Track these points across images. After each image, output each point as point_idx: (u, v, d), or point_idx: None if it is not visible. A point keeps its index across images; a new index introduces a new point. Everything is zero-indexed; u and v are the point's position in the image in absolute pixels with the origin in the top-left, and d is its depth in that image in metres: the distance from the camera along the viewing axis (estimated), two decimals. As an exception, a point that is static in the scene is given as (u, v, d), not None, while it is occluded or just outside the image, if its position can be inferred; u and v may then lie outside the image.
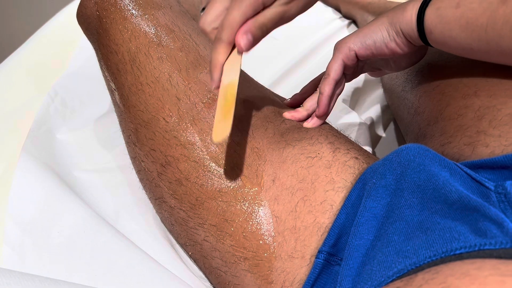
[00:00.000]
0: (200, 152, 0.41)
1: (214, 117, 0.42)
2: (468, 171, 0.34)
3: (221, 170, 0.40)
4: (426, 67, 0.50)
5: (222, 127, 0.35)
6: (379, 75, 0.53)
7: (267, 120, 0.44)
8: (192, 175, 0.41)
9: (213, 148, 0.41)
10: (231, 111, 0.36)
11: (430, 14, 0.39)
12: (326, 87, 0.44)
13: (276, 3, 0.37)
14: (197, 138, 0.42)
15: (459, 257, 0.27)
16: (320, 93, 0.45)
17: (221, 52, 0.37)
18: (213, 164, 0.41)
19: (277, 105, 0.47)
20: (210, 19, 0.38)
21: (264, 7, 0.37)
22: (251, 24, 0.37)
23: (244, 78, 0.49)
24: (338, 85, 0.46)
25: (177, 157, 0.42)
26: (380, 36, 0.43)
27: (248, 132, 0.42)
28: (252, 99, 0.46)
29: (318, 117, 0.45)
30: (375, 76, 0.53)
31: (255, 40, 0.38)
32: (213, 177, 0.40)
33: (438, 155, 0.35)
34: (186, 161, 0.41)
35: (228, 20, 0.36)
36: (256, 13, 0.37)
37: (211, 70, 0.38)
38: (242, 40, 0.37)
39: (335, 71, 0.44)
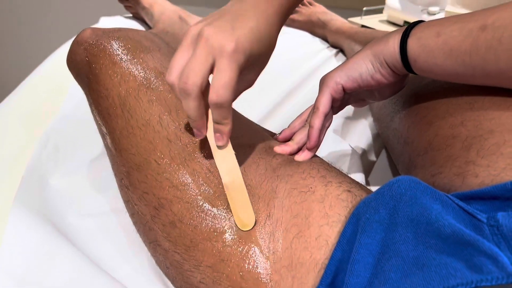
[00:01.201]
0: (193, 193, 0.41)
1: (205, 157, 0.43)
2: (460, 203, 0.34)
3: (215, 210, 0.40)
4: (412, 98, 0.51)
5: (245, 217, 0.40)
6: (363, 105, 0.54)
7: (258, 156, 0.45)
8: (185, 216, 0.41)
9: (205, 188, 0.41)
10: (248, 203, 0.40)
11: (413, 44, 0.41)
12: (316, 121, 0.45)
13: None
14: (189, 179, 0.42)
15: None
16: (310, 126, 0.46)
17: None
18: (207, 205, 0.40)
19: (267, 140, 0.48)
20: (175, 75, 0.37)
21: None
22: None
23: (234, 115, 0.49)
24: (327, 118, 0.47)
25: (170, 199, 0.41)
26: (365, 68, 0.44)
27: (240, 169, 0.43)
28: (242, 136, 0.46)
29: (309, 149, 0.46)
30: (359, 107, 0.55)
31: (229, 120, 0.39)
32: (207, 217, 0.40)
33: (429, 187, 0.35)
34: (179, 203, 0.41)
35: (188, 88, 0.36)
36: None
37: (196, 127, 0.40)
38: (219, 141, 0.40)
39: (324, 105, 0.46)
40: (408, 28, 0.42)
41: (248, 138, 0.46)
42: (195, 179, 0.42)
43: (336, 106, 0.49)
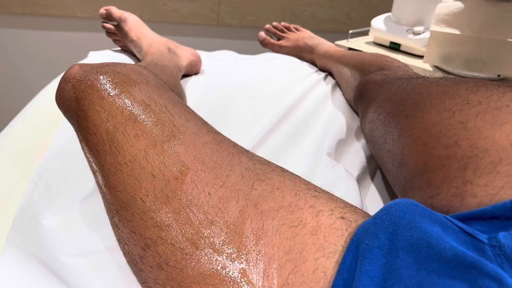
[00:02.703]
0: (175, 234, 0.39)
1: (185, 194, 0.41)
2: (460, 224, 0.33)
3: (199, 252, 0.38)
4: (404, 120, 0.51)
5: None
6: None
7: (236, 188, 0.42)
8: (171, 259, 0.39)
9: (187, 228, 0.39)
10: None
11: None
12: None
13: None
14: (171, 218, 0.40)
15: None
16: None
17: None
18: (190, 247, 0.38)
19: (244, 164, 0.46)
20: None
21: None
22: None
23: (214, 140, 0.48)
24: None
25: (154, 240, 0.40)
26: None
27: (219, 206, 0.40)
28: (220, 166, 0.44)
29: None
30: None
31: None
32: (193, 260, 0.38)
33: (427, 209, 0.35)
34: (163, 244, 0.39)
35: None
36: None
37: None
38: None
39: None
40: None
41: (225, 167, 0.44)
42: (177, 218, 0.40)
43: None
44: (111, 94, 0.48)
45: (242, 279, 0.37)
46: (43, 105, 0.85)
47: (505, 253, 0.30)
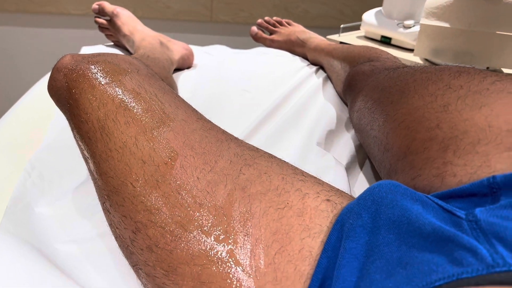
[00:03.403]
0: (165, 217, 0.40)
1: (174, 178, 0.42)
2: (439, 202, 0.35)
3: (189, 235, 0.39)
4: (389, 106, 0.52)
5: None
6: None
7: (224, 173, 0.43)
8: (160, 241, 0.40)
9: (176, 211, 0.40)
10: None
11: None
12: None
13: None
14: (161, 202, 0.41)
15: None
16: None
17: None
18: (180, 229, 0.39)
19: (232, 150, 0.47)
20: None
21: None
22: None
23: (204, 127, 0.49)
24: None
25: (145, 223, 0.41)
26: None
27: (208, 190, 0.42)
28: (209, 152, 0.45)
29: None
30: None
31: None
32: (181, 242, 0.39)
33: (409, 189, 0.36)
34: (153, 227, 0.40)
35: None
36: None
37: None
38: None
39: None
40: None
41: (213, 152, 0.46)
42: (166, 202, 0.41)
43: None
44: (102, 83, 0.48)
45: (230, 259, 0.38)
46: (37, 98, 0.86)
47: (481, 227, 0.31)
